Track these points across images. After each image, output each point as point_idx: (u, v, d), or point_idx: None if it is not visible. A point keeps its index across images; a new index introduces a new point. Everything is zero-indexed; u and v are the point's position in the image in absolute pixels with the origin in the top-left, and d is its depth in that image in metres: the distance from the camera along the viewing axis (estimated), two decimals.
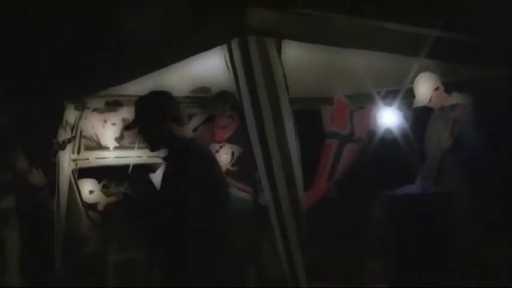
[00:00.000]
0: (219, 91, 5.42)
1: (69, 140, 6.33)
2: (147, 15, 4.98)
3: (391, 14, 4.33)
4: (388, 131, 5.36)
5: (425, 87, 5.54)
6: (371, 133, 6.38)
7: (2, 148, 6.51)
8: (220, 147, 5.46)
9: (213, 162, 3.94)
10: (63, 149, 6.32)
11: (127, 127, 4.37)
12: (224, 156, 5.38)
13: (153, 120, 3.77)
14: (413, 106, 5.68)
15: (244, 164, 5.14)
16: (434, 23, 4.46)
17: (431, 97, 5.54)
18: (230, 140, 5.40)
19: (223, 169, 5.31)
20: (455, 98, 5.62)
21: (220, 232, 3.84)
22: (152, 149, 3.92)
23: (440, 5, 4.83)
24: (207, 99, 5.96)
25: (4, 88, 7.04)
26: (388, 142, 5.63)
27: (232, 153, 5.33)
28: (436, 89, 5.53)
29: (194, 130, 5.50)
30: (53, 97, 6.45)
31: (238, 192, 5.11)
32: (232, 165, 5.33)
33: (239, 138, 5.15)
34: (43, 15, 7.43)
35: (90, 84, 5.94)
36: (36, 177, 6.54)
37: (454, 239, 4.51)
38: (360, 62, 4.73)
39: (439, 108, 5.66)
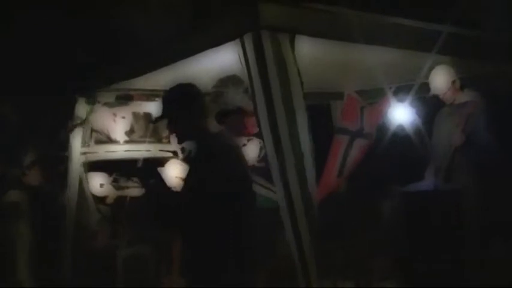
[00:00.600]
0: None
1: (77, 125, 6.32)
2: (160, 9, 4.98)
3: (403, 10, 4.33)
4: (400, 126, 5.34)
5: (442, 80, 5.49)
6: (382, 128, 6.36)
7: (12, 142, 6.53)
8: (248, 140, 5.33)
9: (238, 156, 3.93)
10: (71, 131, 6.31)
11: (155, 120, 4.42)
12: (251, 150, 5.28)
13: (180, 111, 3.78)
14: (430, 95, 5.62)
15: None
16: (446, 18, 4.45)
17: (447, 90, 5.51)
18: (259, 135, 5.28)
19: (249, 164, 5.24)
20: (467, 95, 5.59)
21: (245, 229, 3.85)
22: (179, 141, 3.93)
23: (453, 0, 4.81)
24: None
25: (14, 84, 7.06)
26: (399, 138, 5.61)
27: (260, 149, 5.18)
28: (453, 82, 5.49)
29: (222, 122, 5.33)
30: (64, 92, 6.45)
31: (262, 189, 5.02)
32: (259, 161, 5.24)
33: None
34: (55, 10, 7.44)
35: (101, 78, 5.94)
36: (34, 176, 6.52)
37: (465, 237, 4.50)
38: (371, 58, 4.71)
39: (449, 104, 5.63)
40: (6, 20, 7.61)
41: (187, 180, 3.92)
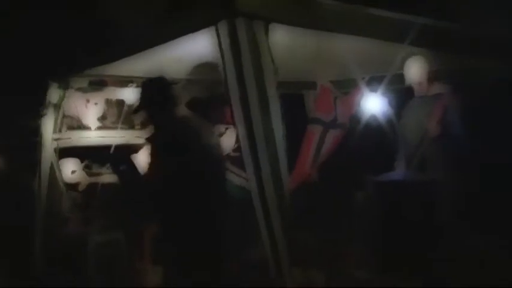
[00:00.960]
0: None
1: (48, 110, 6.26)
2: None
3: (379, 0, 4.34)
4: (373, 117, 5.36)
5: (418, 71, 5.53)
6: (354, 119, 6.39)
7: None
8: (226, 129, 5.33)
9: (206, 143, 4.02)
10: (42, 116, 6.26)
11: (135, 111, 4.59)
12: (227, 139, 5.25)
13: (151, 104, 3.97)
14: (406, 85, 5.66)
15: None
16: (421, 10, 4.46)
17: (423, 81, 5.55)
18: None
19: (225, 153, 5.21)
20: (439, 87, 5.64)
21: (213, 217, 3.89)
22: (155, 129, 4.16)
23: None
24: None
25: None
26: (372, 128, 5.63)
27: (237, 137, 5.15)
28: (429, 73, 5.53)
29: (195, 109, 5.29)
30: (36, 77, 6.39)
31: (235, 177, 4.99)
32: (234, 150, 5.21)
33: None
34: None
35: (74, 63, 5.88)
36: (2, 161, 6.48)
37: (437, 227, 4.53)
38: (345, 48, 4.72)
39: (420, 96, 5.67)
40: None
41: (151, 166, 4.00)
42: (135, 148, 6.77)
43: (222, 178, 4.32)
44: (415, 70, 5.53)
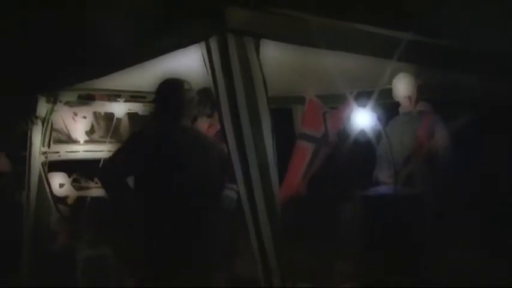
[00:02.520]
0: (200, 89, 5.05)
1: (36, 124, 6.26)
2: (123, 11, 4.96)
3: (366, 16, 4.38)
4: (361, 131, 5.41)
5: (406, 87, 5.61)
6: (343, 134, 6.42)
7: None
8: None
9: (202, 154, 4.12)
10: (30, 130, 6.26)
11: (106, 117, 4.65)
12: None
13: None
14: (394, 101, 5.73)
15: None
16: (407, 26, 4.51)
17: (411, 97, 5.62)
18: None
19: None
20: (421, 104, 5.72)
21: (205, 228, 3.94)
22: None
23: (413, 8, 4.88)
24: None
25: None
26: (360, 142, 5.67)
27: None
28: (416, 90, 5.61)
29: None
30: (25, 91, 6.39)
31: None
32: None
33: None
34: (18, 8, 7.35)
35: (63, 77, 5.89)
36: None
37: (424, 241, 4.57)
38: (334, 63, 4.76)
39: (404, 113, 5.74)
40: None
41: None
42: None
43: (217, 191, 4.37)
44: (403, 85, 5.60)
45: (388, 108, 5.97)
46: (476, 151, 5.56)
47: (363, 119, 4.97)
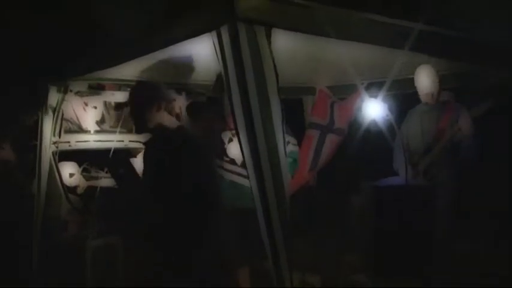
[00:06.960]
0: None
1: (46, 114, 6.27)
2: (134, 0, 4.95)
3: (379, 6, 4.35)
4: (372, 122, 5.39)
5: (431, 79, 5.56)
6: (354, 124, 6.40)
7: None
8: (233, 135, 5.26)
9: (203, 152, 4.04)
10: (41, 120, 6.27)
11: (116, 107, 4.58)
12: (235, 145, 5.14)
13: (144, 107, 3.95)
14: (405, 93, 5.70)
15: None
16: (420, 16, 4.48)
17: (434, 90, 5.58)
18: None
19: (238, 162, 5.17)
20: (443, 94, 5.67)
21: (206, 224, 3.91)
22: (137, 132, 4.18)
23: None
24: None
25: None
26: (371, 133, 5.65)
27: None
28: (439, 81, 5.56)
29: (197, 117, 5.24)
30: (36, 81, 6.38)
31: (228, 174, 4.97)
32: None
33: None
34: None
35: (73, 67, 5.88)
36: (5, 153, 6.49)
37: (435, 233, 4.54)
38: (345, 53, 4.74)
39: (425, 103, 5.70)
40: None
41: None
42: (133, 152, 6.78)
43: (216, 186, 4.33)
44: (426, 82, 5.56)
45: (402, 98, 5.94)
46: (498, 140, 5.52)
47: (373, 109, 4.94)
